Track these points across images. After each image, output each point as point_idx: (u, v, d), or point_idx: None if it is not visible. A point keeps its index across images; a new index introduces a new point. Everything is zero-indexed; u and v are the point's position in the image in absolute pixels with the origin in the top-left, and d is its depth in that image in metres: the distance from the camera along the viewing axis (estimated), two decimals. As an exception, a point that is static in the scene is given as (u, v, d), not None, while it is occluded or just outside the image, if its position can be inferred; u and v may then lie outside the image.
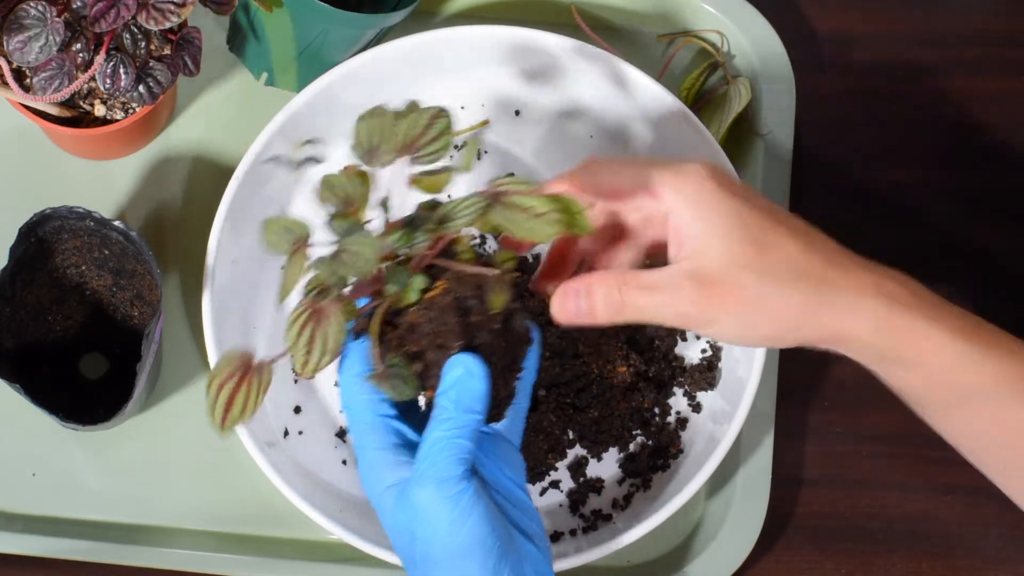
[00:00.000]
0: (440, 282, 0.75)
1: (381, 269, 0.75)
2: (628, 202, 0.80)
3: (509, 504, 0.77)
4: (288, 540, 0.97)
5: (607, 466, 0.97)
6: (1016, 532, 0.85)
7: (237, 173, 0.95)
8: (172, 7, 0.84)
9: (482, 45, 0.98)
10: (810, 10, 1.08)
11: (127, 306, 0.98)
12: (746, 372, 0.94)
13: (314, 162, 0.90)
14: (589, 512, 0.96)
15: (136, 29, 0.86)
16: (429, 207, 0.76)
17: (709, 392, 0.98)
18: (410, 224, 0.76)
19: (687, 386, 0.98)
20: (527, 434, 0.95)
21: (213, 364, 0.92)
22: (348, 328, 0.76)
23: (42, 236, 0.92)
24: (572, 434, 0.97)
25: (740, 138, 1.03)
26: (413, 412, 0.80)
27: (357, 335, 0.78)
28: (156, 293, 0.93)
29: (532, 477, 0.97)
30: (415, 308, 0.75)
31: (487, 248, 0.98)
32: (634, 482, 0.97)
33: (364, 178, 0.76)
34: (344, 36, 0.96)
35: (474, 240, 0.98)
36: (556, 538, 0.96)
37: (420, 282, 0.75)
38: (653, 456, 0.97)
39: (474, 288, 0.75)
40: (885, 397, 0.81)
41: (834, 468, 1.01)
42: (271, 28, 0.95)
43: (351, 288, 0.75)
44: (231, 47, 0.99)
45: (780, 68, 1.04)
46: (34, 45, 0.84)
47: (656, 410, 0.97)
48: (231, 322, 0.95)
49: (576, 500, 0.97)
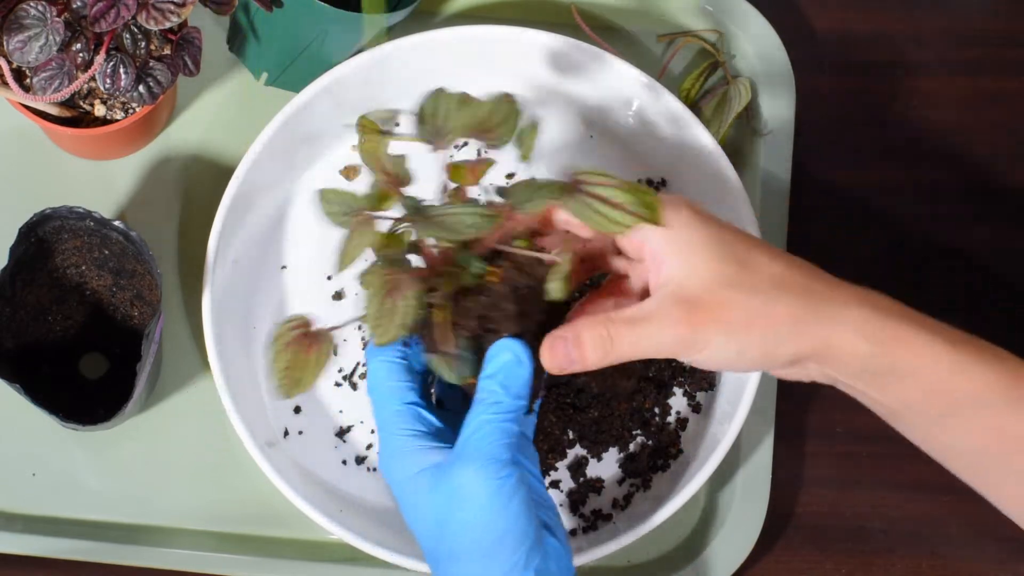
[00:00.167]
0: (496, 268, 0.76)
1: (449, 249, 0.76)
2: (610, 243, 0.80)
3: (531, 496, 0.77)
4: (288, 540, 0.97)
5: (607, 466, 0.97)
6: (1015, 533, 0.85)
7: (237, 173, 0.95)
8: (172, 7, 0.84)
9: (482, 45, 0.98)
10: (810, 10, 1.08)
11: (127, 306, 0.98)
12: (746, 372, 0.94)
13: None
14: (589, 512, 0.96)
15: (136, 29, 0.86)
16: (500, 192, 0.76)
17: (709, 392, 0.98)
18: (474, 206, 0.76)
19: (687, 386, 0.98)
20: (527, 434, 0.95)
21: (213, 364, 0.92)
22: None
23: (42, 236, 0.92)
24: (572, 434, 0.97)
25: (740, 138, 1.03)
26: (433, 403, 0.80)
27: None
28: (156, 293, 0.93)
29: (532, 477, 0.97)
30: (472, 292, 0.75)
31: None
32: (634, 482, 0.97)
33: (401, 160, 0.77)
34: (344, 36, 0.96)
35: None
36: (556, 538, 0.96)
37: (480, 266, 0.75)
38: (653, 456, 0.97)
39: (529, 278, 0.75)
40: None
41: (834, 468, 1.01)
42: (271, 28, 0.95)
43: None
44: (231, 47, 0.99)
45: (780, 68, 1.04)
46: (34, 45, 0.84)
47: (656, 410, 0.97)
48: (231, 322, 0.95)
49: (576, 500, 0.97)
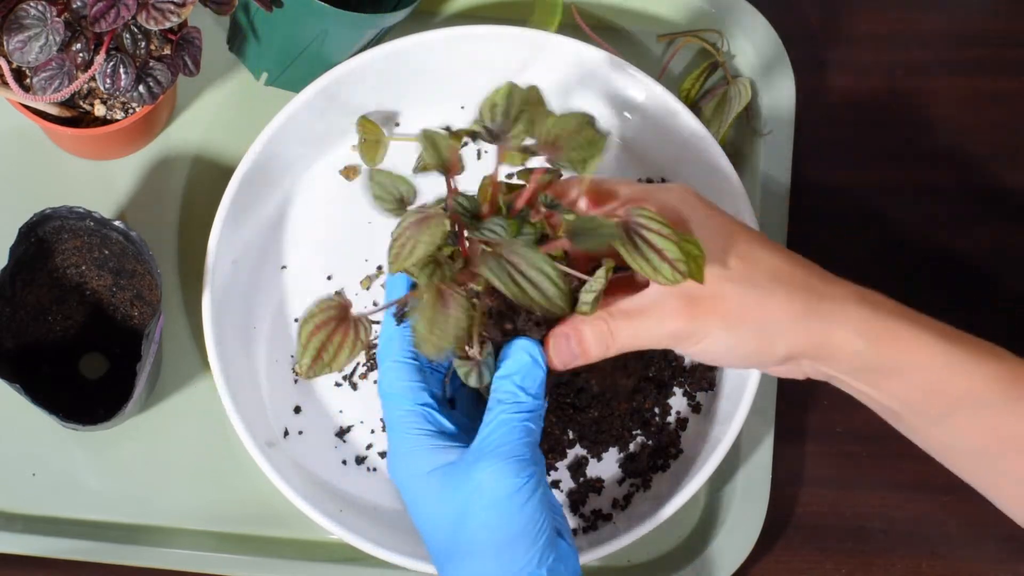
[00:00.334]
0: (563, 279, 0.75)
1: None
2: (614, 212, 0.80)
3: None
4: (288, 540, 0.97)
5: (607, 466, 0.97)
6: (1015, 532, 0.85)
7: (237, 173, 0.95)
8: (172, 7, 0.84)
9: (482, 45, 0.98)
10: (810, 10, 1.08)
11: (127, 306, 0.98)
12: (746, 372, 0.94)
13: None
14: (589, 512, 0.96)
15: (136, 29, 0.86)
16: (549, 205, 0.76)
17: (709, 392, 0.98)
18: (519, 215, 0.76)
19: (687, 386, 0.98)
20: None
21: (213, 364, 0.92)
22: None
23: (42, 236, 0.92)
24: (572, 434, 0.97)
25: (740, 138, 1.03)
26: (443, 404, 0.81)
27: (399, 320, 0.78)
28: (156, 293, 0.93)
29: (532, 477, 0.97)
30: (499, 294, 0.75)
31: None
32: (634, 482, 0.97)
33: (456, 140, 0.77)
34: (344, 36, 0.96)
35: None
36: (556, 538, 0.96)
37: None
38: (653, 456, 0.97)
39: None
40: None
41: (834, 468, 1.01)
42: (271, 28, 0.95)
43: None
44: (231, 47, 0.99)
45: (780, 68, 1.04)
46: (34, 45, 0.84)
47: (656, 410, 0.97)
48: (231, 322, 0.95)
49: (576, 500, 0.97)
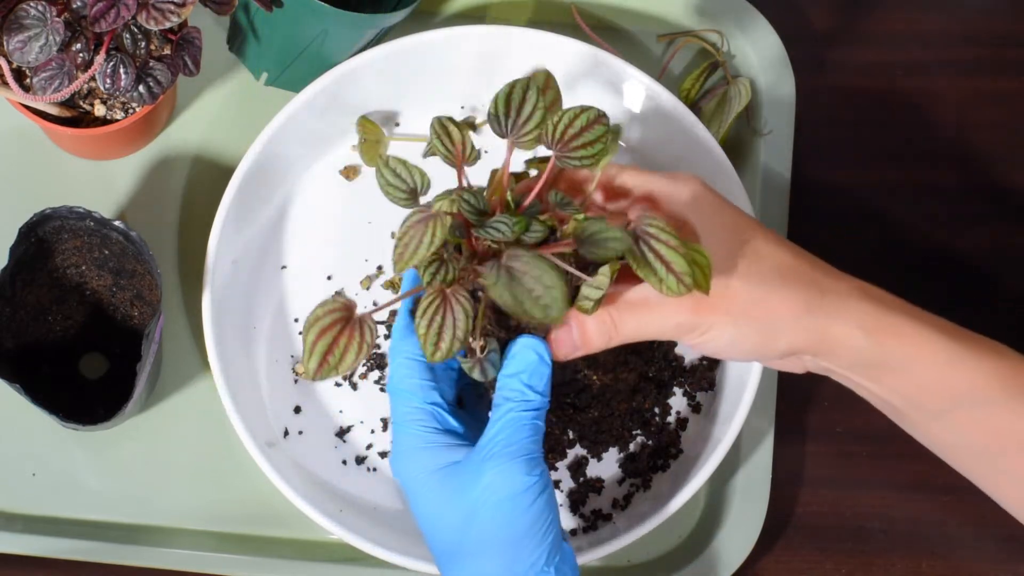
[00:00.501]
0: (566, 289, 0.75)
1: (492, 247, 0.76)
2: (625, 210, 0.80)
3: None
4: (288, 540, 0.97)
5: (607, 466, 0.97)
6: (1015, 532, 0.85)
7: (237, 173, 0.95)
8: (172, 7, 0.84)
9: (482, 45, 0.98)
10: (810, 10, 1.08)
11: (127, 306, 0.98)
12: (746, 372, 0.94)
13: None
14: (589, 512, 0.96)
15: (136, 29, 0.86)
16: (559, 203, 0.76)
17: (709, 392, 0.98)
18: (527, 211, 0.76)
19: (687, 386, 0.98)
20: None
21: (213, 364, 0.92)
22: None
23: (42, 236, 0.92)
24: (572, 434, 0.97)
25: (740, 138, 1.03)
26: (451, 403, 0.81)
27: (414, 316, 0.78)
28: (156, 293, 0.93)
29: (532, 477, 0.97)
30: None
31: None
32: (634, 482, 0.97)
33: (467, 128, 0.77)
34: (344, 36, 0.96)
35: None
36: (556, 538, 0.96)
37: None
38: (653, 456, 0.97)
39: (566, 283, 0.75)
40: (885, 397, 0.81)
41: (834, 468, 1.01)
42: (271, 28, 0.95)
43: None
44: (231, 47, 0.99)
45: (780, 68, 1.04)
46: (34, 45, 0.84)
47: (656, 410, 0.97)
48: (231, 322, 0.95)
49: (576, 500, 0.97)
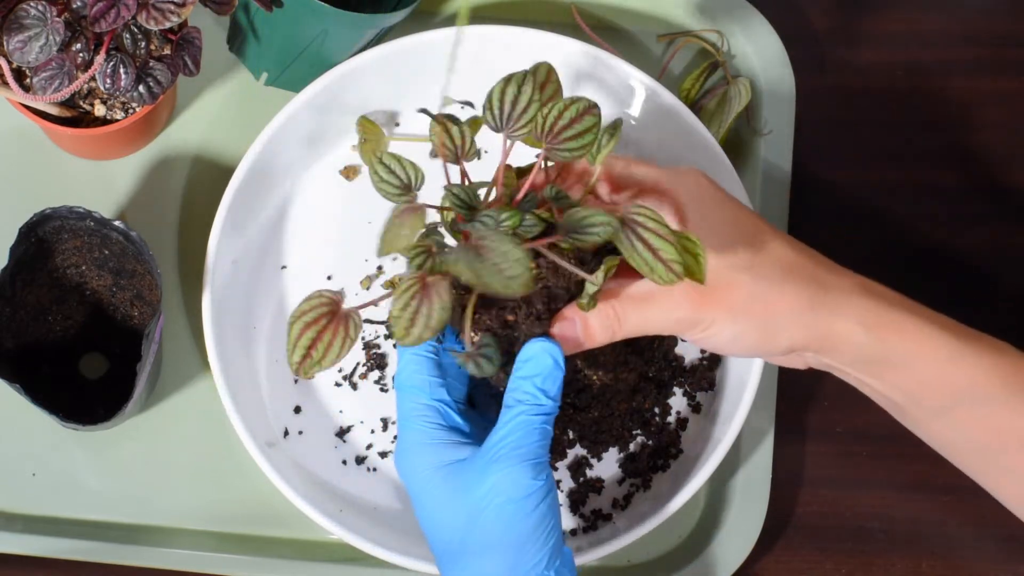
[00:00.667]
0: (532, 265, 0.75)
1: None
2: (627, 202, 0.80)
3: None
4: (288, 540, 0.97)
5: (607, 466, 0.97)
6: (1015, 532, 0.85)
7: (237, 173, 0.95)
8: (172, 7, 0.84)
9: (482, 45, 0.98)
10: (810, 10, 1.08)
11: (127, 306, 0.98)
12: (746, 372, 0.94)
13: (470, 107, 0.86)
14: (589, 512, 0.96)
15: (136, 29, 0.86)
16: (555, 197, 0.76)
17: (709, 392, 0.98)
18: (521, 204, 0.76)
19: (687, 386, 0.98)
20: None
21: (213, 364, 0.92)
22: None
23: (42, 236, 0.92)
24: (572, 434, 0.97)
25: (740, 138, 1.03)
26: (458, 402, 0.81)
27: None
28: (156, 293, 0.93)
29: (532, 477, 0.97)
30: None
31: None
32: (634, 482, 0.97)
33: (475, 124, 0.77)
34: (344, 36, 0.96)
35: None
36: (556, 538, 0.96)
37: None
38: (653, 456, 0.97)
39: (566, 280, 0.76)
40: (885, 397, 0.81)
41: (834, 468, 1.01)
42: (271, 28, 0.95)
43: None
44: (231, 47, 0.99)
45: (780, 68, 1.04)
46: (34, 45, 0.84)
47: (656, 410, 0.97)
48: (231, 322, 0.95)
49: (576, 500, 0.97)
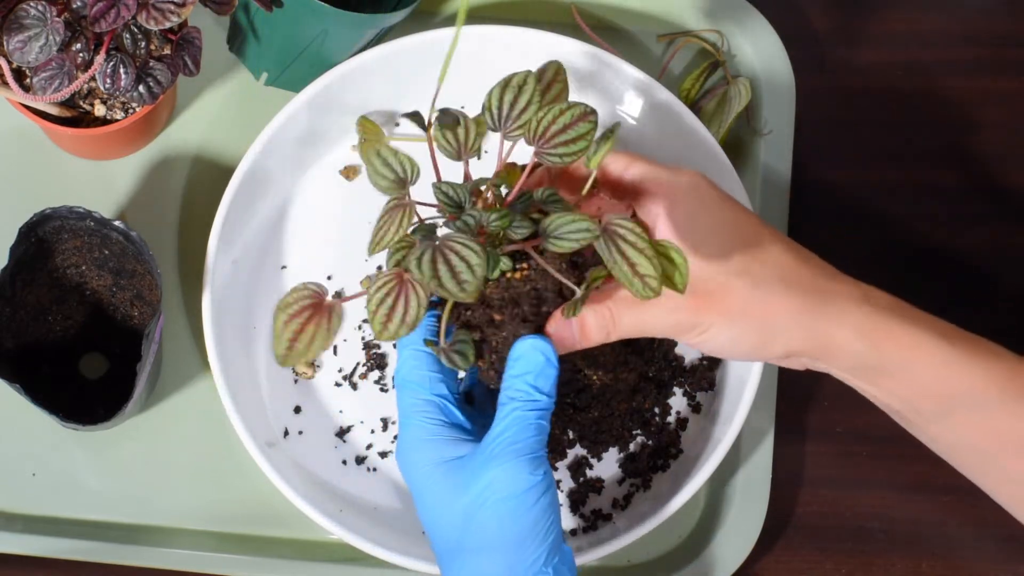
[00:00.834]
0: (523, 266, 0.76)
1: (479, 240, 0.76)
2: (626, 202, 0.80)
3: None
4: (288, 540, 0.97)
5: (607, 466, 0.97)
6: (1015, 532, 0.85)
7: (237, 173, 0.95)
8: (172, 7, 0.84)
9: (482, 45, 0.98)
10: (810, 10, 1.08)
11: (127, 306, 0.98)
12: (746, 372, 0.94)
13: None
14: (589, 512, 0.96)
15: (136, 29, 0.86)
16: (545, 199, 0.76)
17: (709, 392, 0.98)
18: (512, 207, 0.76)
19: (687, 386, 0.98)
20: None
21: (213, 364, 0.92)
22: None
23: (42, 236, 0.92)
24: (572, 434, 0.97)
25: (740, 138, 1.03)
26: (459, 399, 0.81)
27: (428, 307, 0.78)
28: (156, 293, 0.93)
29: (532, 477, 0.97)
30: (492, 285, 0.76)
31: None
32: (634, 482, 0.97)
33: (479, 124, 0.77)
34: (344, 36, 0.96)
35: None
36: (556, 538, 0.96)
37: (506, 264, 0.76)
38: (653, 456, 0.97)
39: (554, 283, 0.76)
40: (885, 397, 0.81)
41: (834, 468, 1.01)
42: (271, 28, 0.95)
43: None
44: (231, 47, 0.99)
45: (780, 68, 1.04)
46: (34, 45, 0.84)
47: (656, 410, 0.97)
48: (231, 322, 0.95)
49: (576, 500, 0.97)
